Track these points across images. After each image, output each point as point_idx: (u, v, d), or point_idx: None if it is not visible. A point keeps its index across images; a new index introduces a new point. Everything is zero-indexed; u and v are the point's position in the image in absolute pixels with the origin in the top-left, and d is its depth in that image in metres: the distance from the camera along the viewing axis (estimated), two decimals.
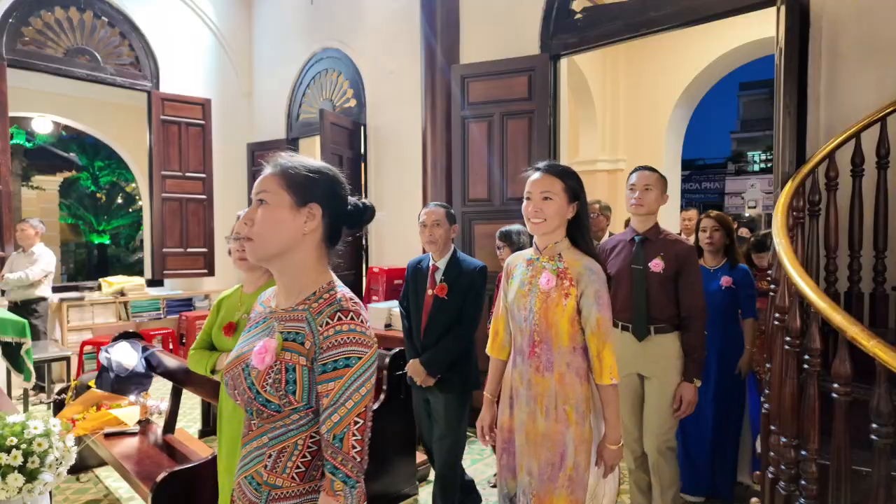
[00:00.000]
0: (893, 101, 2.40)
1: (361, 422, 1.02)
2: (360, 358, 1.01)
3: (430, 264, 2.61)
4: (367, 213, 1.16)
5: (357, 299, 1.10)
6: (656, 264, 2.34)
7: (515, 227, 2.98)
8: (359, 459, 1.01)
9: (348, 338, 1.01)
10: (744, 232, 5.34)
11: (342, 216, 1.13)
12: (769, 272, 3.04)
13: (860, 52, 2.68)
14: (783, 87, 2.58)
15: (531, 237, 1.90)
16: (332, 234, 1.13)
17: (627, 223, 2.92)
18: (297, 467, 1.06)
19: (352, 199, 1.14)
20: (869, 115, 2.38)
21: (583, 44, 3.87)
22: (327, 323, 1.03)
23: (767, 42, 5.44)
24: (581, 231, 1.77)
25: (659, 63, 6.38)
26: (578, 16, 3.87)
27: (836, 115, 2.72)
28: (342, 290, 1.10)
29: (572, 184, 1.74)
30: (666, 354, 2.36)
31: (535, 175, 1.77)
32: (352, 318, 1.03)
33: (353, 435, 1.00)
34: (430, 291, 2.57)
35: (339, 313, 1.04)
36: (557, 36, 3.96)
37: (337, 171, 1.15)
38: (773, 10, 2.82)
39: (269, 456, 1.07)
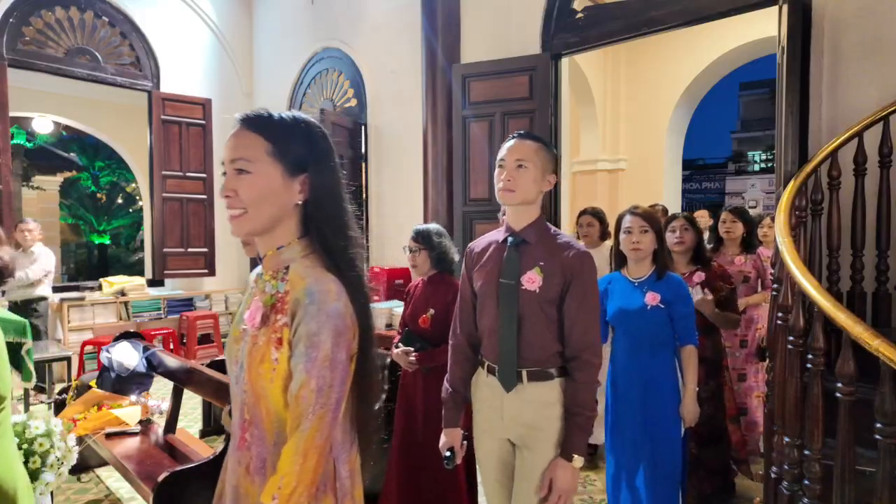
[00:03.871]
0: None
1: None
2: None
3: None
4: None
5: None
6: (530, 279, 1.61)
7: (434, 226, 2.44)
8: None
9: None
10: (702, 214, 4.90)
11: None
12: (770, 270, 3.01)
13: (862, 51, 2.67)
14: (785, 86, 2.57)
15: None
16: None
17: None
18: None
19: None
20: (871, 114, 2.37)
21: (584, 43, 3.86)
22: None
23: (768, 42, 5.44)
24: (321, 228, 1.03)
25: (660, 62, 6.38)
26: (580, 15, 3.86)
27: (839, 114, 2.71)
28: None
29: (294, 146, 1.00)
30: (544, 413, 1.61)
31: (232, 132, 1.02)
32: None
33: None
34: None
35: None
36: (558, 35, 3.95)
37: None
38: (774, 9, 2.81)
39: None
